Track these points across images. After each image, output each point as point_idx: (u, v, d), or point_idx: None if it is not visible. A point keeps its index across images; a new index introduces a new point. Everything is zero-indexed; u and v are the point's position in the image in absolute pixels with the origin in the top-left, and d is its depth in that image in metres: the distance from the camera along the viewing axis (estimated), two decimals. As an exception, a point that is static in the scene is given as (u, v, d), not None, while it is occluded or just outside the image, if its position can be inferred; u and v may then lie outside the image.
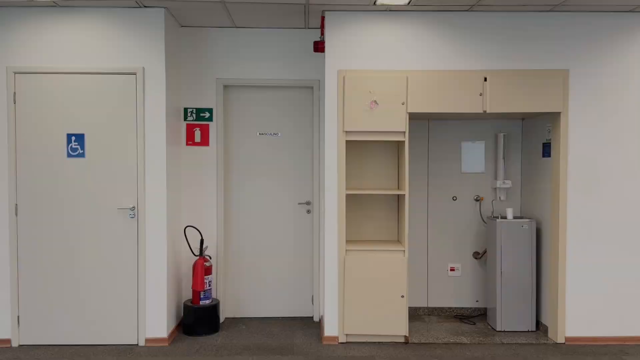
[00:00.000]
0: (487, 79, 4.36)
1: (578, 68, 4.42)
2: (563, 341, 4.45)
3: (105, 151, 4.36)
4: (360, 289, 4.40)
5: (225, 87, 5.04)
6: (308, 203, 5.15)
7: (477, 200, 5.22)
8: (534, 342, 4.48)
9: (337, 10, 4.38)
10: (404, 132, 4.38)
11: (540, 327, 4.77)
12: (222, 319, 5.03)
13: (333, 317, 4.45)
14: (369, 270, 4.39)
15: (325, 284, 4.48)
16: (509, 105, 4.36)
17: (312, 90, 5.08)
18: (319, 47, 4.59)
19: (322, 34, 4.54)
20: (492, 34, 4.42)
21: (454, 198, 5.23)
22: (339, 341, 4.44)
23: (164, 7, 4.32)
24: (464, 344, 4.44)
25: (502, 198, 5.16)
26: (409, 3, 4.17)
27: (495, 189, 5.18)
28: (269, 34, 5.00)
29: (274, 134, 5.13)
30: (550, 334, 4.57)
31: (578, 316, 4.46)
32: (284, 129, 5.13)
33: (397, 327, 4.40)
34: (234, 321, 5.06)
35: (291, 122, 5.13)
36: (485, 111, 4.36)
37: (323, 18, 4.46)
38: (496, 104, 4.36)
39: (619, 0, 4.09)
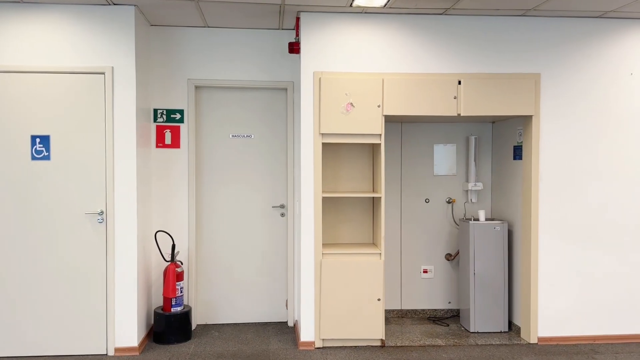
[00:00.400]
0: (462, 82, 4.39)
1: (549, 72, 4.51)
2: (536, 341, 4.51)
3: (72, 153, 4.18)
4: (337, 292, 4.35)
5: (197, 87, 4.92)
6: (282, 206, 5.08)
7: (449, 202, 5.26)
8: (507, 342, 4.53)
9: (313, 11, 4.34)
10: (380, 135, 4.37)
11: (512, 327, 4.83)
12: (194, 326, 4.90)
13: (309, 322, 4.39)
14: (345, 273, 4.35)
15: (301, 288, 4.41)
16: (482, 109, 4.41)
17: (285, 92, 5.01)
18: (294, 48, 4.53)
19: (297, 35, 4.48)
20: (466, 38, 4.46)
21: (427, 200, 5.25)
22: (315, 346, 4.38)
23: (134, 5, 4.18)
24: (440, 346, 4.46)
25: (473, 200, 5.22)
26: (385, 5, 4.16)
27: (467, 191, 5.24)
28: (242, 35, 4.91)
29: (247, 136, 5.03)
30: (522, 335, 4.63)
31: (550, 316, 4.54)
32: (257, 131, 5.05)
33: (374, 330, 4.37)
34: (206, 328, 4.93)
35: (264, 124, 5.05)
36: (459, 114, 4.39)
37: (298, 19, 4.40)
38: (470, 107, 4.40)
39: (589, 5, 4.19)
